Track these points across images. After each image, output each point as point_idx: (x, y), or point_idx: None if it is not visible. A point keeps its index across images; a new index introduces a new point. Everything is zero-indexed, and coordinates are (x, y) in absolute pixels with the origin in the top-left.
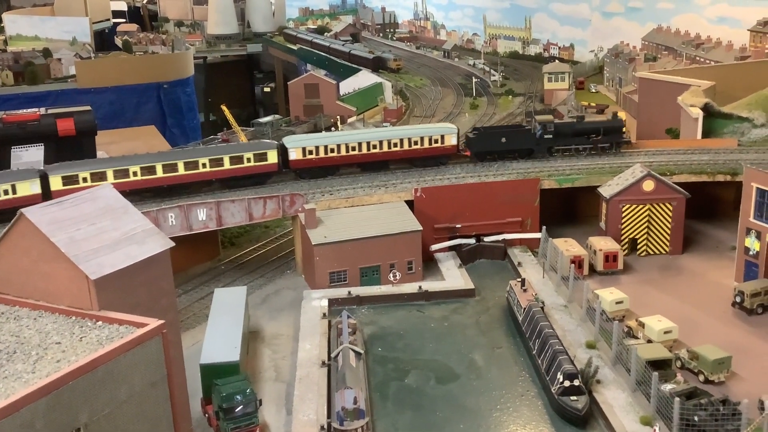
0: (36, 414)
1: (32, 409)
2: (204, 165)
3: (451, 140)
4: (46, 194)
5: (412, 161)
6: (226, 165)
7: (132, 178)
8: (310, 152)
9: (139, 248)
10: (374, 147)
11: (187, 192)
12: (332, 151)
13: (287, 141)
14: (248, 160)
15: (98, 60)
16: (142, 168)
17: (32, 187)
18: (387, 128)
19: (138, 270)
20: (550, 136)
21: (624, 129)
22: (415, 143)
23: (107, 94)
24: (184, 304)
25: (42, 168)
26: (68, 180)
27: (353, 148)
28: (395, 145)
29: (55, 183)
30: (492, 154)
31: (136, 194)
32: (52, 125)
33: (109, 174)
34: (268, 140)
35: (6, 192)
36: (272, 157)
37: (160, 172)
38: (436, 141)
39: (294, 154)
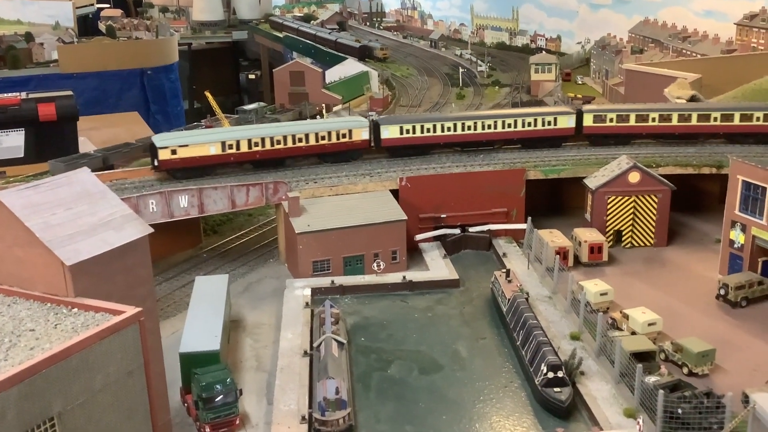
0: (7, 402)
1: (4, 397)
2: (715, 119)
3: None
4: (578, 129)
5: None
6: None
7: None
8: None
9: (116, 234)
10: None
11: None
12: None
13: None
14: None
15: (81, 45)
16: (659, 115)
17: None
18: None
19: (115, 256)
20: None
21: None
22: None
23: (90, 79)
24: (164, 292)
25: (580, 108)
26: (597, 118)
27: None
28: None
29: (588, 119)
30: None
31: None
32: (33, 110)
33: (632, 117)
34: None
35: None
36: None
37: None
38: None
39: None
